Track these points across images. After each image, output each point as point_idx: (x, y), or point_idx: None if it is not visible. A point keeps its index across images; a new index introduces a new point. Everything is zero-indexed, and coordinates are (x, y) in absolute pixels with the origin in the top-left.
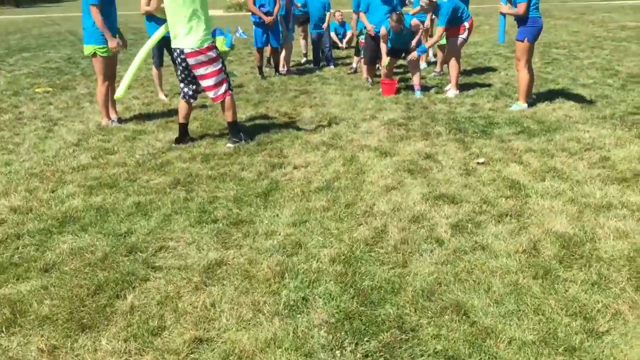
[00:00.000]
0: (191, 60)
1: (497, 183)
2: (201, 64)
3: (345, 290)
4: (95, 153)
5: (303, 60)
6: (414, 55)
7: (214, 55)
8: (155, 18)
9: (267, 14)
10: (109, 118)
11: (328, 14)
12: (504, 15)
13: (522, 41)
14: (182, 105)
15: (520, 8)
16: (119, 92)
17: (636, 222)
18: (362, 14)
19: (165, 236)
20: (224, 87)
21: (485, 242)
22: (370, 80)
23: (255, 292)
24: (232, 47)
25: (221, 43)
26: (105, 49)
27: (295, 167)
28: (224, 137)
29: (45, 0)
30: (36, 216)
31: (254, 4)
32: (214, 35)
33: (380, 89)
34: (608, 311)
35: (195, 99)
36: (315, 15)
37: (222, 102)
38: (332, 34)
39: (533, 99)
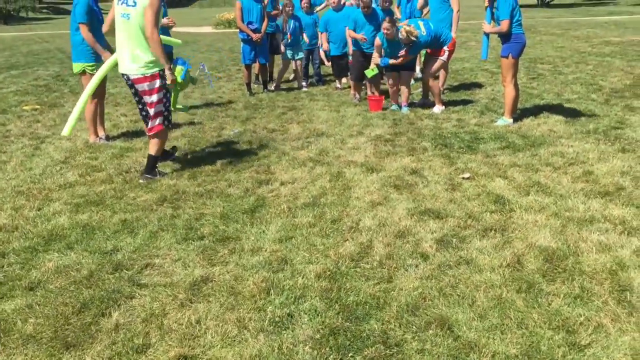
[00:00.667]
0: (138, 87)
1: (482, 198)
2: (146, 92)
3: (331, 306)
4: (82, 170)
5: (291, 77)
6: (376, 59)
7: (158, 85)
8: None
9: (255, 31)
10: (97, 135)
11: (320, 32)
12: (487, 34)
13: (507, 57)
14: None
15: (503, 25)
16: (66, 130)
17: (618, 236)
18: (350, 32)
19: (151, 253)
20: (158, 119)
21: (469, 256)
22: (357, 96)
23: (241, 309)
24: (187, 81)
25: (177, 72)
26: (94, 67)
27: (282, 184)
28: (212, 154)
29: (34, 17)
30: (22, 234)
31: (242, 21)
32: (175, 64)
33: (368, 105)
34: (590, 324)
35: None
36: (307, 34)
37: (151, 135)
38: (321, 52)
39: (518, 114)
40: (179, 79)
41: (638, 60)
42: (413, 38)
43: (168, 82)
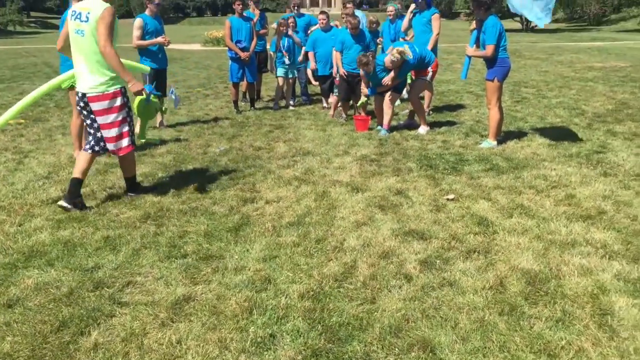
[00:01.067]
0: (94, 106)
1: (466, 219)
2: (104, 110)
3: (313, 326)
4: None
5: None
6: (364, 90)
7: (120, 102)
8: (146, 52)
9: (244, 49)
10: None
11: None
12: (469, 57)
13: (492, 81)
14: (82, 157)
15: (488, 50)
16: None
17: (600, 260)
18: (337, 54)
19: (133, 271)
20: (126, 140)
21: (453, 278)
22: (344, 116)
23: (223, 329)
24: (153, 107)
25: (139, 98)
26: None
27: (267, 202)
28: (197, 171)
29: (21, 31)
30: (1, 250)
31: (231, 39)
32: (146, 89)
33: (354, 125)
34: (572, 348)
35: (101, 152)
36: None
37: (122, 157)
38: (308, 71)
39: (502, 137)
40: (139, 104)
41: (620, 85)
42: (406, 57)
43: (134, 89)
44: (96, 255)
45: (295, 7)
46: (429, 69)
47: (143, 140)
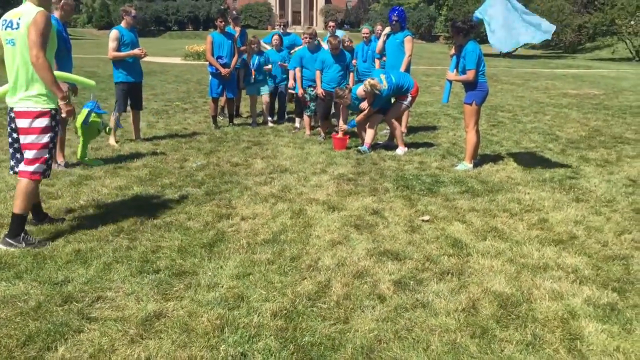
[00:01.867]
0: (19, 122)
1: (441, 241)
2: (25, 130)
3: (285, 346)
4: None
5: (258, 111)
6: (343, 128)
7: (46, 124)
8: (122, 64)
9: (225, 65)
10: (56, 162)
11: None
12: (450, 81)
13: (470, 104)
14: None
15: (470, 75)
16: None
17: (570, 284)
18: (317, 73)
19: (103, 286)
20: (35, 166)
21: (426, 299)
22: (322, 134)
23: (193, 347)
24: (95, 127)
25: (82, 116)
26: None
27: (242, 219)
28: (172, 185)
29: None
30: None
31: (212, 55)
32: (85, 106)
33: (332, 144)
34: None
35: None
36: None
37: (20, 184)
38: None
39: (478, 160)
40: (79, 124)
41: (593, 113)
42: (377, 91)
43: (63, 114)
44: (66, 269)
45: (282, 26)
46: (408, 95)
47: (80, 161)
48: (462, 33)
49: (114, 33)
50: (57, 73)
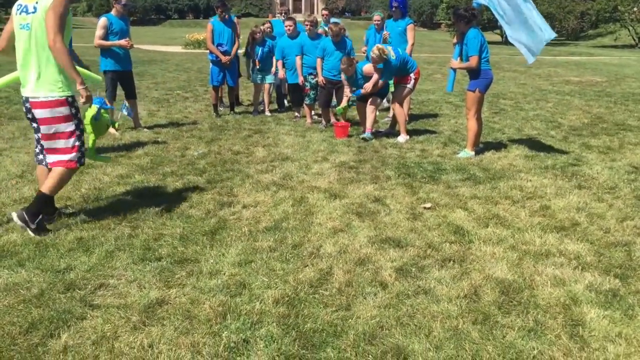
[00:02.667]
0: (37, 112)
1: (442, 228)
2: (47, 120)
3: (287, 332)
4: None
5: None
6: (346, 92)
7: (67, 112)
8: (109, 53)
9: (225, 53)
10: None
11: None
12: (454, 69)
13: (474, 92)
14: (40, 172)
15: (472, 61)
16: None
17: (572, 271)
18: (318, 60)
19: (106, 273)
20: (71, 155)
21: (428, 286)
22: (323, 122)
23: (196, 333)
24: (103, 124)
25: (90, 112)
26: None
27: (244, 206)
28: (174, 173)
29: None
30: None
31: (213, 42)
32: (96, 103)
33: (333, 132)
34: (543, 357)
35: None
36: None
37: (54, 170)
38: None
39: (480, 147)
40: (89, 120)
41: (596, 100)
42: (384, 57)
43: (82, 100)
44: (68, 257)
45: (283, 14)
46: (412, 75)
47: (91, 159)
48: (463, 20)
49: (102, 21)
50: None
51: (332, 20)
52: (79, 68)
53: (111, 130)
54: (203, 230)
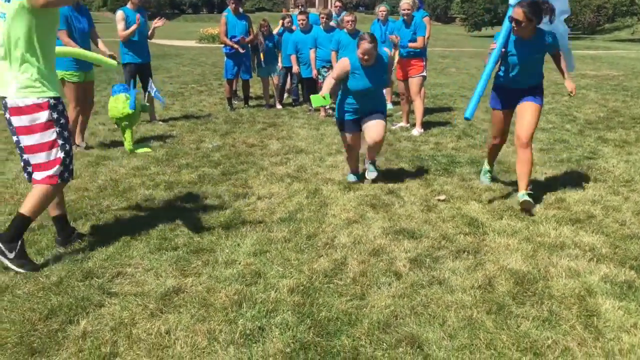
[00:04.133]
0: (14, 121)
1: (457, 220)
2: (26, 129)
3: (302, 320)
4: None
5: (285, 95)
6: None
7: (45, 118)
8: (128, 45)
9: (238, 42)
10: (76, 143)
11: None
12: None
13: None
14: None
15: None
16: None
17: (587, 262)
18: (333, 53)
19: (123, 262)
20: (53, 170)
21: (442, 276)
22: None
23: (212, 321)
24: (138, 110)
25: (122, 103)
26: (72, 75)
27: (259, 198)
28: (189, 165)
29: None
30: None
31: (226, 35)
32: (114, 93)
33: None
34: (557, 347)
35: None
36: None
37: (36, 188)
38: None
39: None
40: (128, 110)
41: (612, 94)
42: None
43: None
44: (86, 246)
45: (300, 7)
46: (423, 62)
47: (129, 151)
48: (535, 21)
49: (119, 14)
50: (77, 50)
51: (344, 13)
52: (91, 54)
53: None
54: (218, 221)
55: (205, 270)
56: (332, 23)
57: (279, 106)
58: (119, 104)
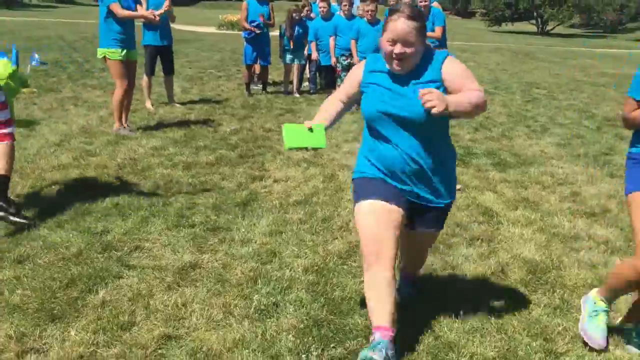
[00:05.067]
0: None
1: (472, 209)
2: None
3: (316, 299)
4: (76, 154)
5: (305, 84)
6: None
7: None
8: (151, 27)
9: (258, 27)
10: (121, 124)
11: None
12: None
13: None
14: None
15: None
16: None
17: (601, 254)
18: (353, 42)
19: (141, 237)
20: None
21: (455, 262)
22: (355, 105)
23: (227, 295)
24: (17, 80)
25: (4, 67)
26: (114, 52)
27: (275, 181)
28: (207, 147)
29: (37, 5)
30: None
31: (247, 20)
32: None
33: None
34: (568, 334)
35: None
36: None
37: None
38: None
39: (511, 134)
40: (10, 68)
41: None
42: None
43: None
44: (105, 220)
45: None
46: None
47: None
48: None
49: None
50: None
51: (358, 3)
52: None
53: (147, 105)
54: (235, 202)
55: (222, 248)
56: (339, 11)
57: (296, 94)
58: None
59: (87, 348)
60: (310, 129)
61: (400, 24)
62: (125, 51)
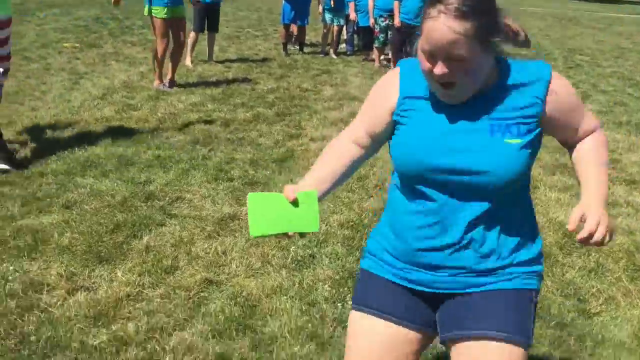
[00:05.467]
0: None
1: None
2: None
3: (351, 252)
4: (118, 107)
5: (342, 45)
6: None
7: None
8: None
9: None
10: (161, 81)
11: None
12: None
13: None
14: None
15: None
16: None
17: (639, 221)
18: (396, 3)
19: (182, 188)
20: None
21: None
22: (392, 67)
23: (265, 246)
24: None
25: None
26: (158, 11)
27: (311, 139)
28: (244, 105)
29: None
30: (59, 158)
31: None
32: None
33: None
34: (602, 296)
35: None
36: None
37: None
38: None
39: None
40: None
41: None
42: None
43: None
44: (147, 171)
45: None
46: None
47: None
48: None
49: None
50: None
51: None
52: None
53: (187, 62)
54: (272, 158)
55: None
56: None
57: (333, 55)
58: None
59: (133, 288)
60: (295, 201)
61: (440, 28)
62: (168, 9)
